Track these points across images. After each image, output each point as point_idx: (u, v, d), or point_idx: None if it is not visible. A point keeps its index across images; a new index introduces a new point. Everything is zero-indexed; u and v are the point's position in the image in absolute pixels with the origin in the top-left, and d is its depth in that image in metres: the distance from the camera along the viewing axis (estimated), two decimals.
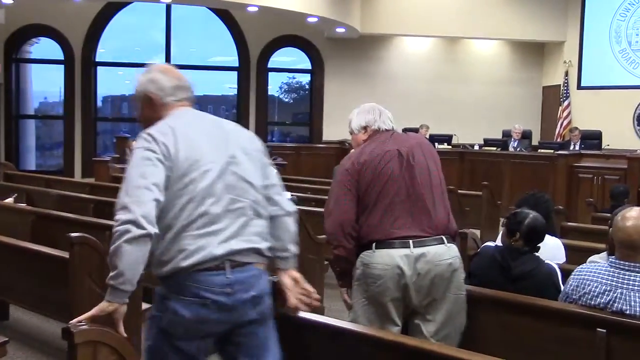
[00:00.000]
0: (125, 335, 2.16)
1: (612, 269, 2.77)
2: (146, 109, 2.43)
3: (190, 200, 2.21)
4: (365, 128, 3.14)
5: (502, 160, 10.59)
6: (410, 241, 2.83)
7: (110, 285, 2.12)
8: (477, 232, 6.34)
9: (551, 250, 3.54)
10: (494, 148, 11.08)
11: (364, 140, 3.12)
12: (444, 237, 2.88)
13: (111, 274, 2.12)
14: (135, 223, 2.09)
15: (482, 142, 11.50)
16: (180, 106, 2.41)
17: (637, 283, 2.68)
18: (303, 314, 2.54)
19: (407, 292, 2.83)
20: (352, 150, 3.20)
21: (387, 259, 2.83)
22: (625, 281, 2.71)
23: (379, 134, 3.10)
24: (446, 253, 2.87)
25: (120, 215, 2.12)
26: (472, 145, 11.64)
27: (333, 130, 12.97)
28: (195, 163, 2.24)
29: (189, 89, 2.48)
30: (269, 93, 14.17)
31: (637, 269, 2.70)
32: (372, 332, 2.51)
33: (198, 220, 2.21)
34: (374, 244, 2.86)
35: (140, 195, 2.14)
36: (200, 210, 2.22)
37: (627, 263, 2.73)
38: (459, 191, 7.55)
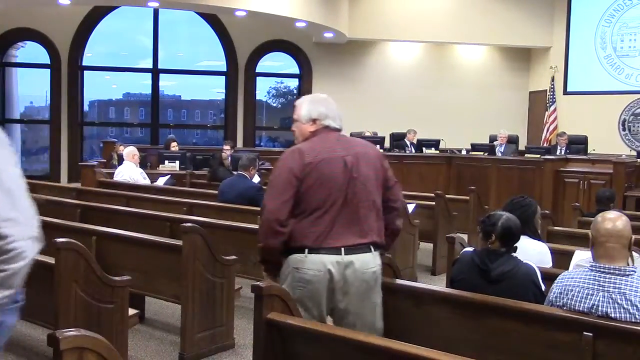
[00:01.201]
0: None
1: (592, 273, 2.79)
2: None
3: None
4: (314, 121, 3.05)
5: (489, 165, 10.64)
6: (342, 248, 2.88)
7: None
8: (465, 237, 6.37)
9: (537, 255, 3.56)
10: (481, 153, 11.14)
11: (310, 132, 3.04)
12: (371, 246, 2.95)
13: (5, 293, 1.95)
14: (36, 239, 1.98)
15: (470, 147, 11.56)
16: None
17: (617, 285, 2.71)
18: (291, 320, 2.54)
19: (333, 295, 2.91)
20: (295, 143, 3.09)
21: (319, 265, 2.87)
22: (606, 284, 2.73)
23: (326, 131, 3.04)
24: (372, 261, 2.95)
25: (15, 231, 1.92)
26: (460, 150, 11.70)
27: None
28: None
29: None
30: (257, 98, 14.18)
31: (616, 272, 2.73)
32: (357, 337, 2.51)
33: None
34: (306, 249, 2.87)
35: (26, 204, 1.99)
36: None
37: (606, 266, 2.75)
38: (447, 196, 7.57)
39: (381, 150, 11.26)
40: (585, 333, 2.69)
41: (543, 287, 3.11)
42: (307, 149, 2.95)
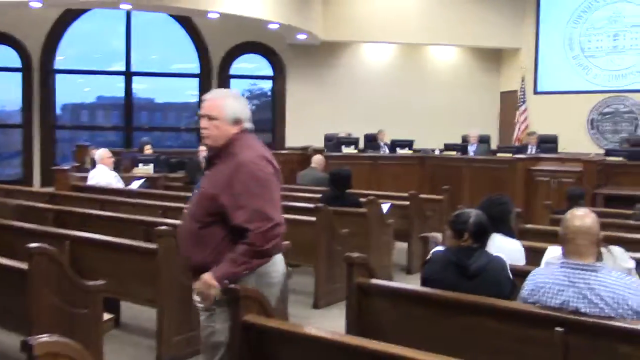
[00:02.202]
0: None
1: (563, 269, 2.85)
2: None
3: None
4: (239, 122, 2.80)
5: (463, 164, 10.72)
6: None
7: None
8: (439, 236, 6.43)
9: (511, 253, 3.61)
10: (454, 153, 11.23)
11: (233, 134, 2.78)
12: None
13: None
14: None
15: (443, 147, 11.65)
16: None
17: (587, 281, 2.76)
18: (267, 322, 2.55)
19: None
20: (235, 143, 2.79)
21: (279, 266, 2.90)
22: (576, 280, 2.79)
23: (249, 135, 2.85)
24: None
25: None
26: (433, 150, 11.79)
27: (296, 137, 12.98)
28: None
29: None
30: None
31: (586, 267, 2.79)
32: (334, 337, 2.53)
33: None
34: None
35: None
36: None
37: (576, 262, 2.81)
38: (420, 196, 7.62)
39: (355, 151, 11.33)
40: (556, 328, 2.75)
41: (511, 276, 3.20)
42: (268, 156, 2.83)
